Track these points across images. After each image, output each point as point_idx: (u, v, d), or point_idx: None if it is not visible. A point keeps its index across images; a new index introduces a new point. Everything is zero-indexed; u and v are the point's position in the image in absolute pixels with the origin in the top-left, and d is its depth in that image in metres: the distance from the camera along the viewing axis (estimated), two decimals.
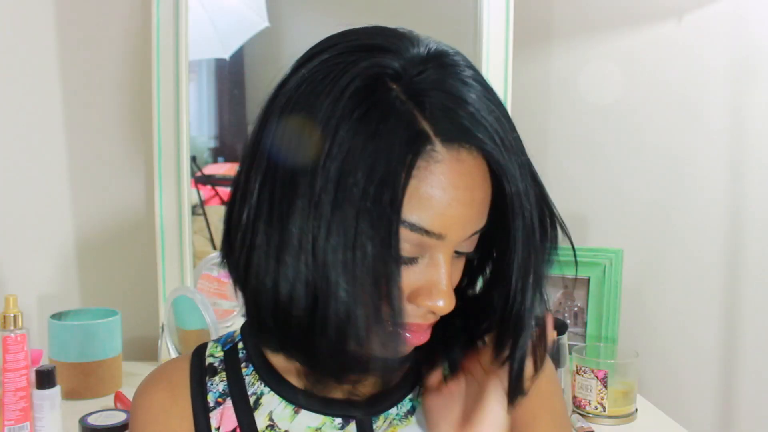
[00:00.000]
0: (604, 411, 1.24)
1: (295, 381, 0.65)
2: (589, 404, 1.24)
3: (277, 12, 1.56)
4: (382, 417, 0.65)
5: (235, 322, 1.48)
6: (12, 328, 1.09)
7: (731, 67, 1.55)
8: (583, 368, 1.25)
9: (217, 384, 0.66)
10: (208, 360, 0.68)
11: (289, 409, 0.64)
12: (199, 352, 0.69)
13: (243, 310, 0.61)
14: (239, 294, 0.60)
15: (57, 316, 1.35)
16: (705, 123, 1.57)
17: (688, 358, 1.62)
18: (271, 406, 0.64)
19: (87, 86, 1.51)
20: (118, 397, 1.24)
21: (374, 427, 0.64)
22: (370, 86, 0.51)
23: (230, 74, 1.61)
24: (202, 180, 1.58)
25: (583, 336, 1.46)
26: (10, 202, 1.49)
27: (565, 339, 1.25)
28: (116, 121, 1.53)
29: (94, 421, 1.06)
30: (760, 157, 1.56)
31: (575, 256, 0.63)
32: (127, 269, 1.54)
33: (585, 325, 1.46)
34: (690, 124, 1.58)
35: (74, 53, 1.50)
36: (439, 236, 0.53)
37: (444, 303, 0.55)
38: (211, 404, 0.65)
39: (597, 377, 1.23)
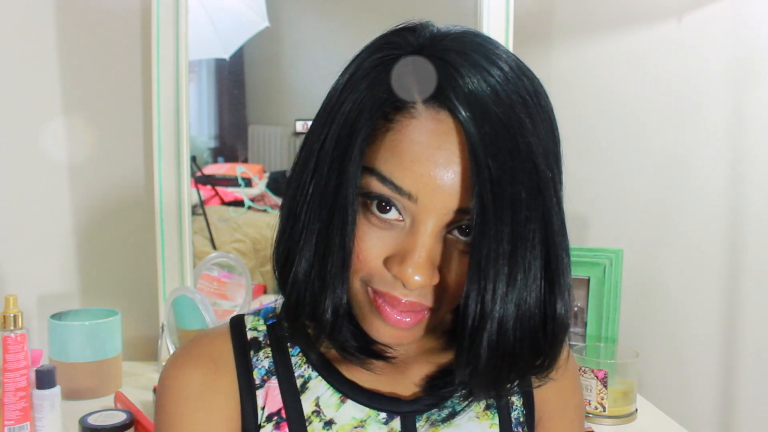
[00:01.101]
0: (604, 411, 1.24)
1: (343, 370, 0.64)
2: (589, 404, 1.24)
3: (277, 12, 1.56)
4: (425, 416, 0.64)
5: None
6: (12, 328, 1.09)
7: (731, 67, 1.55)
8: (583, 368, 1.25)
9: (262, 360, 0.63)
10: (251, 334, 0.65)
11: (336, 397, 0.63)
12: (239, 325, 0.66)
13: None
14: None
15: (57, 316, 1.35)
16: (705, 123, 1.57)
17: (688, 358, 1.62)
18: (318, 391, 0.63)
19: (87, 87, 1.51)
20: (118, 397, 1.24)
21: (417, 425, 0.64)
22: (386, 55, 0.55)
23: (230, 74, 1.61)
24: (202, 180, 1.58)
25: (583, 336, 1.46)
26: (11, 203, 1.49)
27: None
28: (116, 121, 1.53)
29: (94, 421, 1.06)
30: (760, 157, 1.56)
31: None
32: (127, 269, 1.54)
33: (585, 325, 1.46)
34: (690, 124, 1.58)
35: (74, 53, 1.50)
36: (409, 196, 0.52)
37: (413, 273, 0.53)
38: (257, 381, 0.63)
39: (597, 377, 1.23)
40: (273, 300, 0.65)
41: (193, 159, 1.51)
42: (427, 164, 0.52)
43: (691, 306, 1.61)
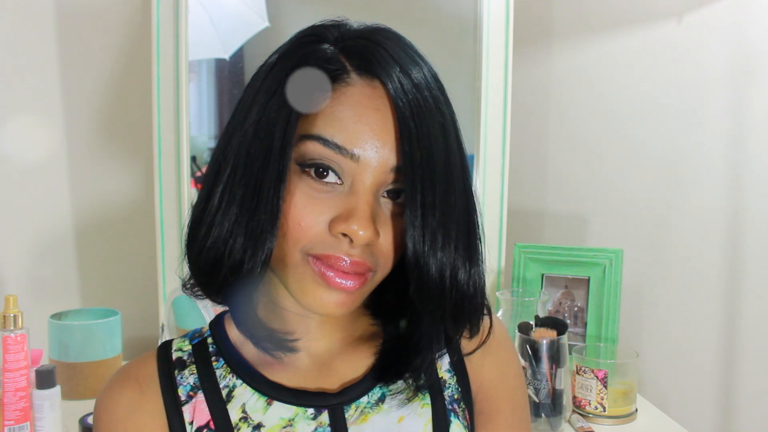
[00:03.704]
0: (604, 411, 1.24)
1: (267, 373, 0.65)
2: (589, 404, 1.24)
3: (277, 12, 1.56)
4: (353, 406, 0.65)
5: None
6: (12, 328, 1.09)
7: (731, 68, 1.55)
8: (583, 368, 1.25)
9: (187, 377, 0.66)
10: (176, 354, 0.67)
11: (262, 401, 0.64)
12: (165, 348, 0.68)
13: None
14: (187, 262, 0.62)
15: (57, 316, 1.35)
16: (705, 123, 1.57)
17: (688, 358, 1.62)
18: (243, 398, 0.64)
19: (87, 86, 1.51)
20: None
21: (346, 415, 0.65)
22: (306, 42, 0.60)
23: (230, 74, 1.61)
24: (201, 180, 1.57)
25: (583, 336, 1.46)
26: (10, 203, 1.49)
27: (565, 339, 1.25)
28: (116, 121, 1.53)
29: None
30: (760, 158, 1.56)
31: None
32: (127, 269, 1.54)
33: (585, 325, 1.46)
34: (690, 124, 1.58)
35: (74, 53, 1.50)
36: (351, 155, 0.56)
37: (358, 228, 0.55)
38: (183, 398, 0.65)
39: (597, 377, 1.23)
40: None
41: (193, 159, 1.50)
42: (367, 123, 0.56)
43: (691, 306, 1.61)
